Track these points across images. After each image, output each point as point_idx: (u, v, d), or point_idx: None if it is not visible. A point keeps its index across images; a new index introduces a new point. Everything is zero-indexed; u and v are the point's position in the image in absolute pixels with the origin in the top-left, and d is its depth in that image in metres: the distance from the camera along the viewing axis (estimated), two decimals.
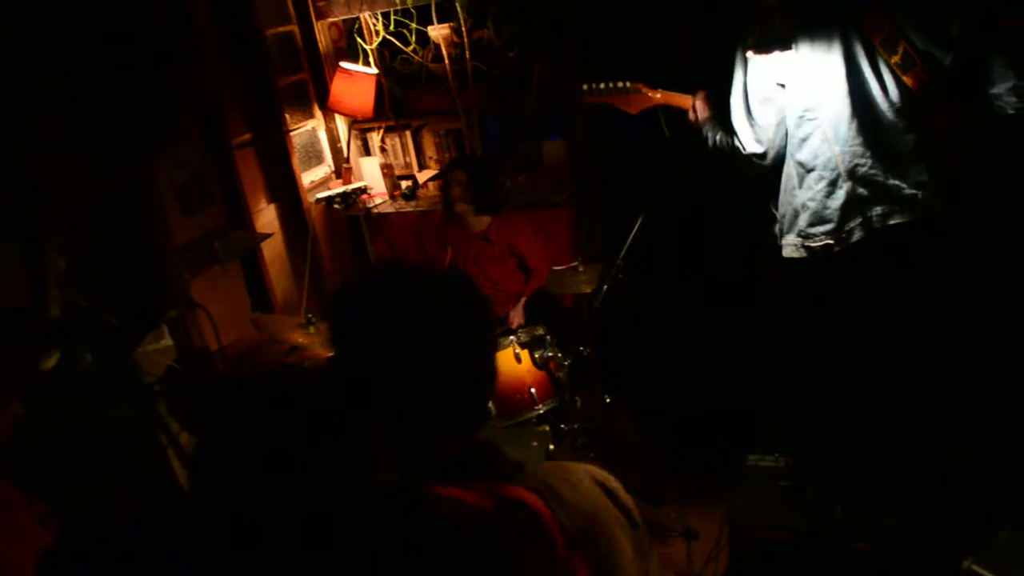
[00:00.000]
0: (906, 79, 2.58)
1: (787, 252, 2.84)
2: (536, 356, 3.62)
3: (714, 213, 3.89)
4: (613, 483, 1.32)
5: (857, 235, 2.68)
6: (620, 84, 3.12)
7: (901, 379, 2.89)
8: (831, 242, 2.72)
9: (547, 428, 3.53)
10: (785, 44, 2.63)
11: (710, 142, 3.00)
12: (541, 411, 3.58)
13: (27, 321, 2.05)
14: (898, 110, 2.60)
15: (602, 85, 3.13)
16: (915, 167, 2.63)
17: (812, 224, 2.74)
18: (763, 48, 2.66)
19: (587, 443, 3.61)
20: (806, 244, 2.77)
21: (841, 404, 3.02)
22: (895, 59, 2.58)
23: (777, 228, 2.92)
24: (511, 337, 3.64)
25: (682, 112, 3.09)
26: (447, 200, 4.19)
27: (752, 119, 2.80)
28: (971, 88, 2.57)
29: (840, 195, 2.68)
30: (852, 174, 2.66)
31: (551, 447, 3.36)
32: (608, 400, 3.77)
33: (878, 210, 2.66)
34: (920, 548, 2.84)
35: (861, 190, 2.66)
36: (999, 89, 2.52)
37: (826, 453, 3.17)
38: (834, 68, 2.63)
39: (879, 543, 2.93)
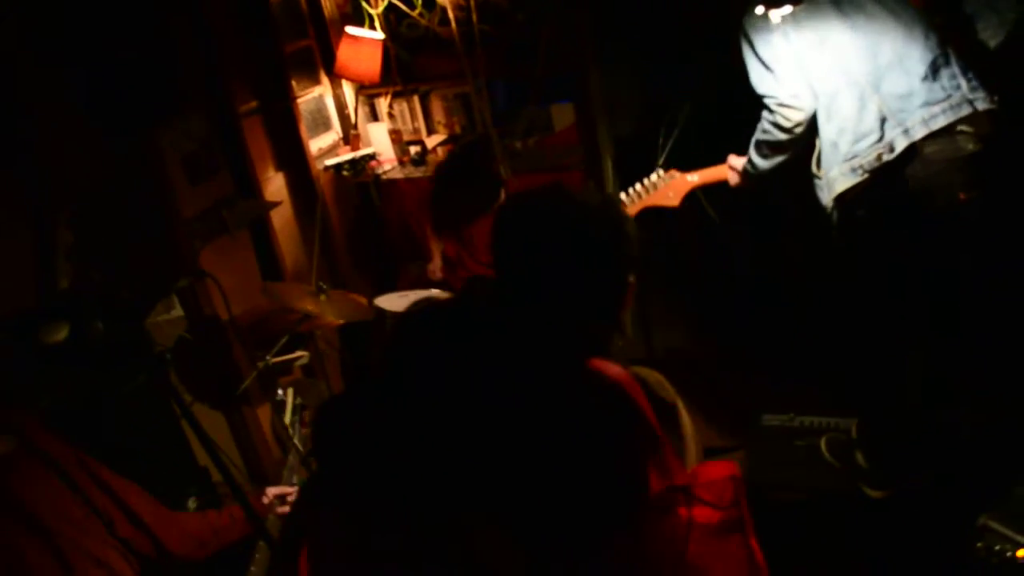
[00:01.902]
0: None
1: (839, 186, 2.76)
2: None
3: None
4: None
5: (901, 143, 2.62)
6: (654, 178, 3.14)
7: (923, 333, 2.87)
8: (880, 150, 2.66)
9: None
10: None
11: (754, 155, 2.98)
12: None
13: None
14: (907, 24, 2.64)
15: (638, 187, 3.15)
16: (946, 70, 2.62)
17: (855, 142, 2.69)
18: (775, 3, 2.63)
19: None
20: (855, 166, 2.71)
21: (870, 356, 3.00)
22: None
23: (822, 191, 2.86)
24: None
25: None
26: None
27: (772, 72, 2.76)
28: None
29: (872, 108, 2.65)
30: (876, 88, 2.64)
31: None
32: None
33: (917, 116, 2.61)
34: (936, 503, 2.84)
35: (891, 102, 2.63)
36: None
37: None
38: (840, 5, 2.67)
39: (896, 493, 2.94)
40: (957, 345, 3.02)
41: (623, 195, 3.15)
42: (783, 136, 2.84)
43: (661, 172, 3.14)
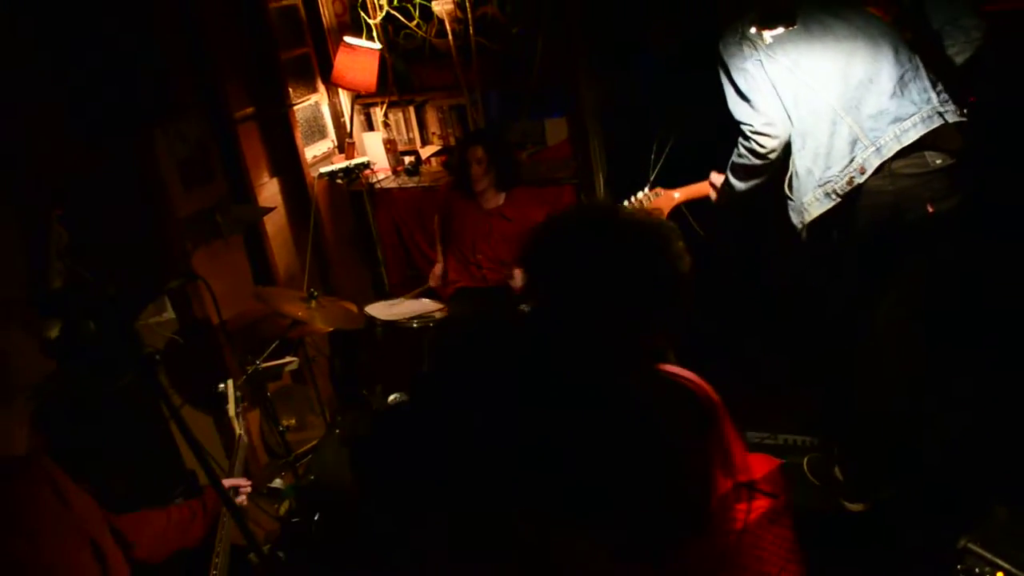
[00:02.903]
0: (874, 11, 2.70)
1: (813, 211, 2.79)
2: None
3: None
4: None
5: (874, 162, 2.64)
6: (640, 196, 3.17)
7: (902, 343, 2.89)
8: (852, 174, 2.68)
9: None
10: (790, 19, 2.63)
11: (731, 177, 3.02)
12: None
13: None
14: (875, 42, 2.66)
15: (625, 204, 3.15)
16: (915, 84, 2.64)
17: (827, 168, 2.72)
18: (768, 24, 2.66)
19: None
20: (828, 191, 2.74)
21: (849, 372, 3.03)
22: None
23: (793, 214, 2.89)
24: (524, 306, 3.65)
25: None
26: (466, 176, 4.15)
27: (748, 99, 2.79)
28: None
29: (844, 132, 2.67)
30: (848, 110, 2.67)
31: None
32: None
33: (889, 133, 2.63)
34: (917, 527, 2.86)
35: (863, 122, 2.65)
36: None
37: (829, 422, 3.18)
38: (808, 27, 2.70)
39: (874, 505, 2.96)
40: (937, 356, 3.04)
41: None
42: (758, 161, 2.87)
43: (647, 190, 3.18)
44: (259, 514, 3.41)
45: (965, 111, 2.64)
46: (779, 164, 2.89)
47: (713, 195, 3.19)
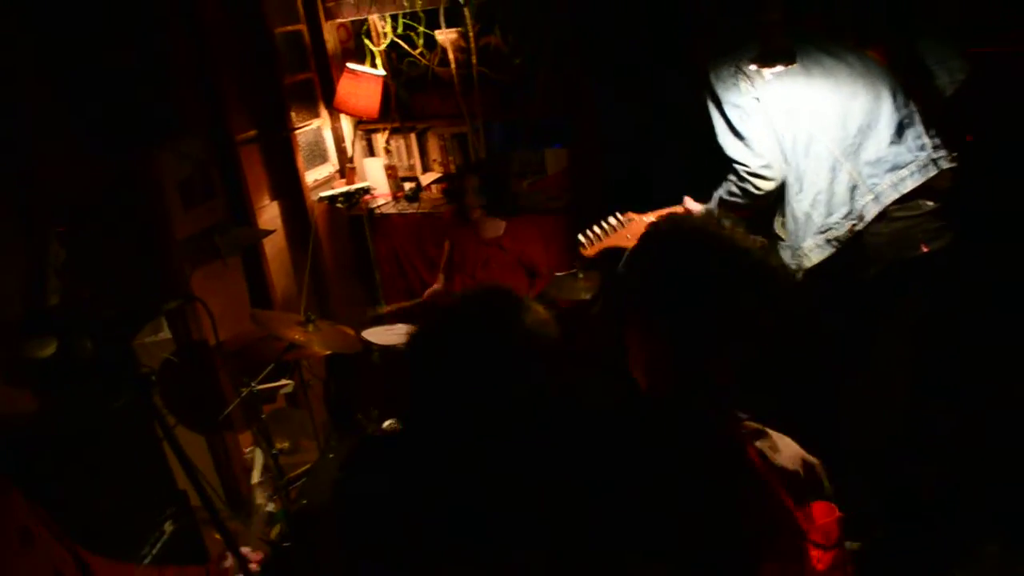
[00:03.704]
0: (871, 55, 2.71)
1: (813, 258, 2.78)
2: None
3: None
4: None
5: (872, 210, 2.65)
6: (612, 221, 3.11)
7: (895, 385, 2.89)
8: (853, 222, 2.68)
9: None
10: (789, 58, 2.64)
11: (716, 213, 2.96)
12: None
13: None
14: (874, 86, 2.66)
15: (596, 230, 3.11)
16: (911, 131, 2.66)
17: (828, 215, 2.71)
18: (767, 62, 2.66)
19: None
20: (830, 238, 2.73)
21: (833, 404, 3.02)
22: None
23: (786, 252, 2.88)
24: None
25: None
26: (461, 206, 4.21)
27: (744, 139, 2.76)
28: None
29: (843, 178, 2.67)
30: (847, 156, 2.66)
31: None
32: None
33: (886, 181, 2.63)
34: (909, 561, 2.85)
35: (862, 168, 2.65)
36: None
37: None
38: (808, 70, 2.69)
39: (869, 544, 2.94)
40: (931, 393, 3.04)
41: (581, 236, 3.15)
42: (749, 202, 2.85)
43: (619, 215, 3.14)
44: (250, 538, 3.39)
45: (955, 155, 2.67)
46: (769, 203, 2.87)
47: None
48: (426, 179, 4.81)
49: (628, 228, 3.15)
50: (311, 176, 4.61)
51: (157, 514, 2.78)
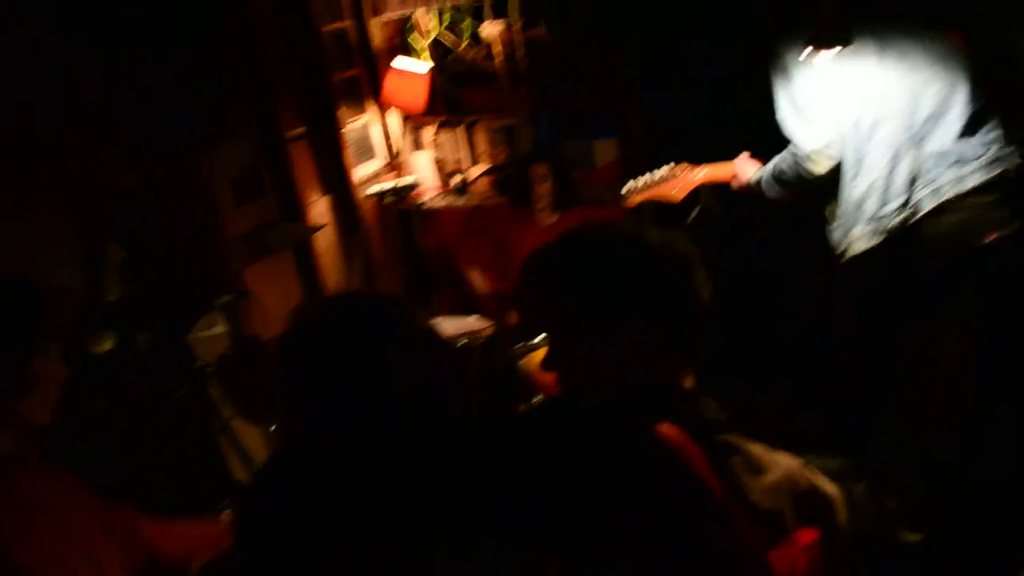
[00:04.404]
0: (953, 40, 2.58)
1: (859, 246, 2.70)
2: None
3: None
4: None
5: (928, 204, 2.56)
6: (664, 170, 3.06)
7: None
8: (908, 215, 2.59)
9: None
10: (846, 39, 2.56)
11: (764, 184, 2.90)
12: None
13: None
14: (951, 74, 2.55)
15: (641, 181, 3.08)
16: (983, 127, 2.55)
17: (883, 204, 2.62)
18: (824, 44, 2.58)
19: None
20: (879, 228, 2.65)
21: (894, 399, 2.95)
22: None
23: (836, 233, 2.80)
24: (537, 339, 3.61)
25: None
26: (527, 194, 4.10)
27: (804, 117, 2.67)
28: None
29: (904, 169, 2.58)
30: (912, 144, 2.57)
31: None
32: None
33: (949, 175, 2.54)
34: (978, 556, 2.77)
35: (925, 159, 2.56)
36: None
37: (881, 448, 3.10)
38: (882, 51, 2.58)
39: (931, 536, 2.87)
40: (993, 387, 2.96)
41: (629, 183, 3.10)
42: (801, 184, 2.77)
43: (672, 164, 3.08)
44: None
45: None
46: (820, 184, 2.78)
47: (735, 182, 3.05)
48: (474, 172, 4.81)
49: (677, 180, 3.08)
50: (360, 171, 4.64)
51: (214, 504, 2.82)
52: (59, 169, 3.05)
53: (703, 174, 3.10)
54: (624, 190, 3.09)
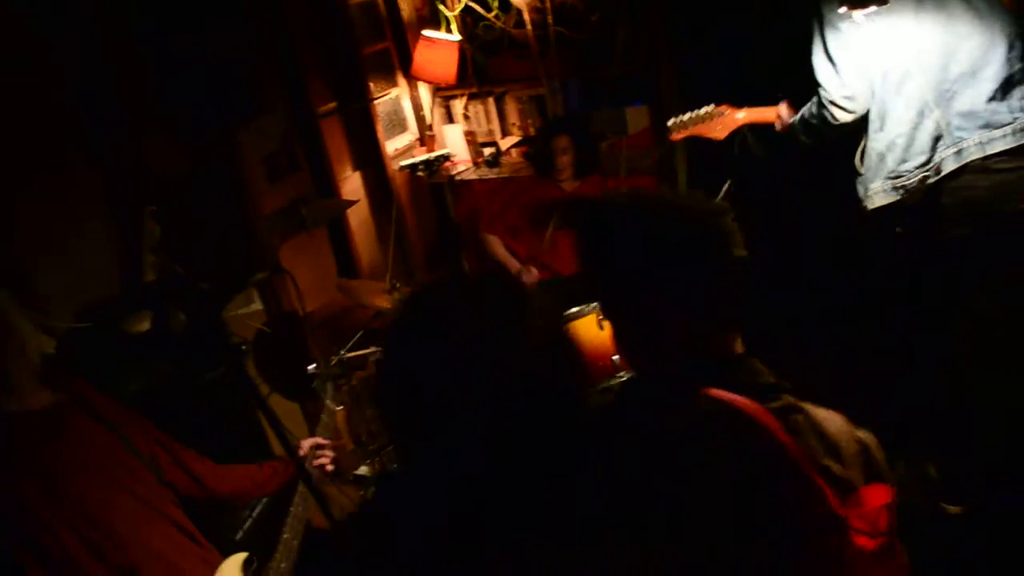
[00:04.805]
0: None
1: (877, 201, 2.68)
2: None
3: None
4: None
5: (951, 165, 2.51)
6: (705, 110, 3.06)
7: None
8: (927, 174, 2.55)
9: None
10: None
11: (800, 131, 2.87)
12: (623, 378, 3.56)
13: None
14: (991, 31, 2.47)
15: (686, 117, 3.08)
16: (1017, 90, 2.48)
17: (903, 161, 2.59)
18: (858, 4, 2.53)
19: None
20: (898, 185, 2.61)
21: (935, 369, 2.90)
22: None
23: (859, 186, 2.76)
24: (594, 304, 3.62)
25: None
26: (550, 164, 4.13)
27: (834, 64, 2.62)
28: None
29: (929, 126, 2.53)
30: (940, 102, 2.51)
31: None
32: None
33: (975, 138, 2.48)
34: (1016, 524, 2.72)
35: (952, 118, 2.50)
36: None
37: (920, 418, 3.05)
38: (926, 5, 2.50)
39: (974, 507, 2.82)
40: None
41: (671, 121, 3.11)
42: (826, 128, 2.74)
43: (714, 105, 3.08)
44: (344, 500, 3.47)
45: None
46: (850, 130, 2.74)
47: (779, 124, 3.02)
48: (505, 143, 4.79)
49: (720, 120, 3.08)
50: (391, 145, 4.64)
51: None
52: (95, 149, 3.08)
53: (744, 114, 3.08)
54: (669, 123, 3.10)
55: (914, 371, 3.09)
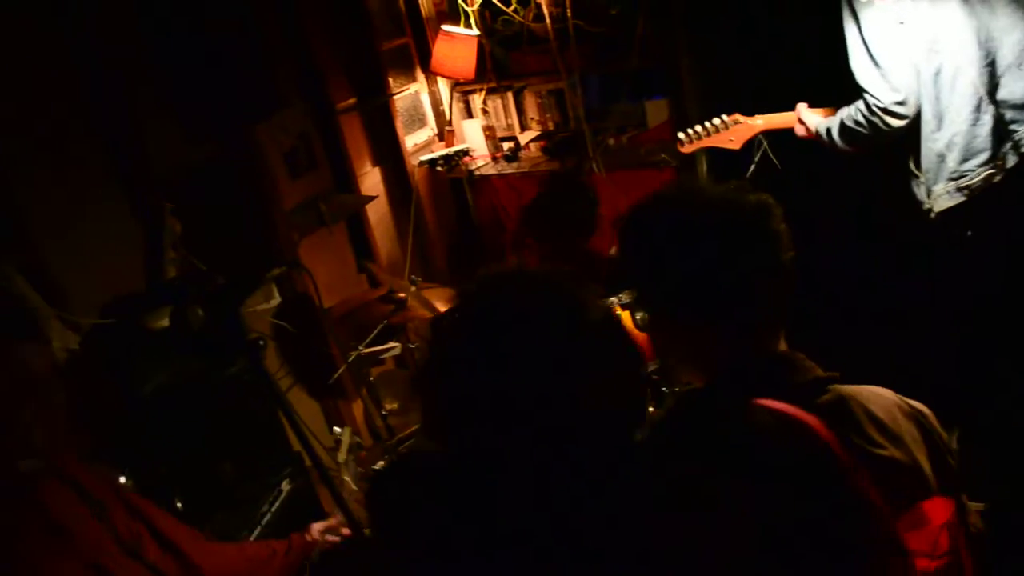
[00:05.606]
0: None
1: (942, 204, 2.57)
2: (637, 318, 3.57)
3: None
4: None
5: (1012, 160, 2.45)
6: (716, 122, 3.00)
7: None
8: (992, 171, 2.48)
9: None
10: None
11: (836, 135, 2.73)
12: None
13: None
14: None
15: (697, 129, 3.02)
16: None
17: (964, 160, 2.50)
18: None
19: None
20: (962, 185, 2.53)
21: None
22: None
23: (920, 189, 2.66)
24: (612, 299, 3.61)
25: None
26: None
27: (880, 67, 2.50)
28: None
29: (987, 120, 2.45)
30: (993, 95, 2.44)
31: (650, 409, 3.33)
32: None
33: None
34: None
35: (1008, 111, 2.43)
36: None
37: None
38: None
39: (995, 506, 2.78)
40: None
41: (681, 134, 3.07)
42: (879, 136, 2.60)
43: (724, 117, 3.03)
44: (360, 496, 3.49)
45: None
46: (895, 139, 2.62)
47: (799, 130, 2.91)
48: (524, 138, 4.78)
49: (732, 130, 3.02)
50: (410, 141, 4.65)
51: (275, 473, 2.89)
52: (116, 146, 3.10)
53: (762, 122, 3.03)
54: (680, 136, 3.06)
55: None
